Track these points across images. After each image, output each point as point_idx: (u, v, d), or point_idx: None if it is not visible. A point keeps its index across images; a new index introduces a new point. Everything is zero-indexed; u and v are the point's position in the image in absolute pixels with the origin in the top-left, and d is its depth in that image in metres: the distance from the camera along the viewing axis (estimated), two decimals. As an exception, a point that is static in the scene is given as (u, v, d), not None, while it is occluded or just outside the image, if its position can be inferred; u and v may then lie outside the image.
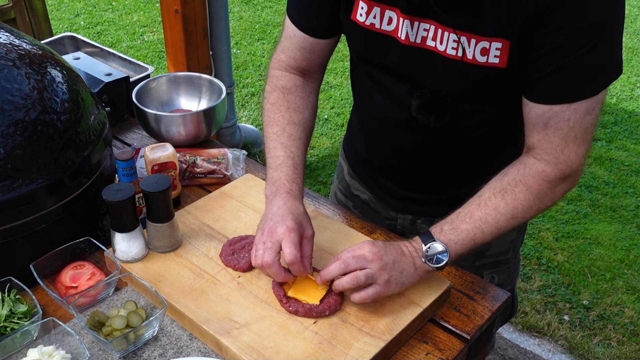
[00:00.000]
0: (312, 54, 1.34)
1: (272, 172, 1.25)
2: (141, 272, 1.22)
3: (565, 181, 1.14)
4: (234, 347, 1.07)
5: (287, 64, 1.36)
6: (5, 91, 1.16)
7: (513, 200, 1.14)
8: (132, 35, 5.23)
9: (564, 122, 1.09)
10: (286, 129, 1.29)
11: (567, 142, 1.11)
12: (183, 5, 2.90)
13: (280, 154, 1.26)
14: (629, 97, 4.53)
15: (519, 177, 1.14)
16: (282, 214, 1.16)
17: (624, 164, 3.77)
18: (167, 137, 1.64)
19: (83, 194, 1.28)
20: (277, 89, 1.35)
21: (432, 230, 1.15)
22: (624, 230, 3.22)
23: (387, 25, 1.18)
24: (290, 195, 1.20)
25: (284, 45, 1.35)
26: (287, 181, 1.22)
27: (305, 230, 1.17)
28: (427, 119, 1.21)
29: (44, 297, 1.19)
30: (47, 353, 1.05)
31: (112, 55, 2.11)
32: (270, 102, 1.34)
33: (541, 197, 1.15)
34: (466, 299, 1.24)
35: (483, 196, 1.16)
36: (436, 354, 1.12)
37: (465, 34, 1.09)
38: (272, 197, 1.21)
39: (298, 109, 1.33)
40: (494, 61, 1.09)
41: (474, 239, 1.14)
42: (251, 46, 5.11)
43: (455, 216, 1.16)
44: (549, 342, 2.61)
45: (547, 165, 1.13)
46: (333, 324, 1.12)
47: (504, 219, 1.14)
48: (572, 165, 1.12)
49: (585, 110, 1.08)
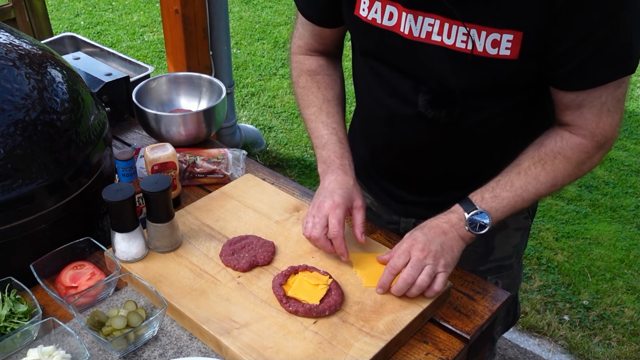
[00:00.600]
0: (324, 39, 1.40)
1: (320, 151, 1.32)
2: (141, 272, 1.22)
3: (602, 149, 1.18)
4: (234, 347, 1.07)
5: (306, 49, 1.43)
6: (5, 91, 1.16)
7: (553, 170, 1.18)
8: (132, 35, 5.23)
9: (597, 101, 1.12)
10: (323, 108, 1.36)
11: (600, 117, 1.14)
12: (183, 5, 2.90)
13: (324, 132, 1.33)
14: (629, 97, 4.53)
15: (557, 149, 1.18)
16: (332, 189, 1.24)
17: (624, 164, 3.77)
18: (167, 137, 1.64)
19: (83, 194, 1.28)
20: (304, 72, 1.42)
21: (472, 198, 1.19)
22: (624, 230, 3.22)
23: (388, 21, 1.18)
24: (341, 170, 1.28)
25: (299, 32, 1.43)
26: (336, 157, 1.30)
27: (355, 202, 1.24)
28: (438, 114, 1.21)
29: (44, 297, 1.19)
30: (47, 353, 1.05)
31: (112, 55, 2.11)
32: (301, 86, 1.42)
33: (580, 166, 1.19)
34: (466, 299, 1.24)
35: (522, 165, 1.19)
36: (436, 354, 1.12)
37: (475, 27, 1.09)
38: (324, 174, 1.29)
39: (328, 86, 1.39)
40: (505, 53, 1.09)
41: (514, 206, 1.19)
42: (251, 46, 5.11)
43: (495, 184, 1.19)
44: (549, 342, 2.61)
45: (583, 139, 1.16)
46: (333, 324, 1.12)
47: (544, 187, 1.19)
48: (607, 135, 1.16)
49: (616, 85, 1.11)
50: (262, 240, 1.30)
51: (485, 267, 1.47)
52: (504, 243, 1.48)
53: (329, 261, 1.26)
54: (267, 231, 1.34)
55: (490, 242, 1.46)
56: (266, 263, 1.25)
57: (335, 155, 1.30)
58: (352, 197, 1.25)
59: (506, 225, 1.45)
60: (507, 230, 1.46)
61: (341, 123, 1.37)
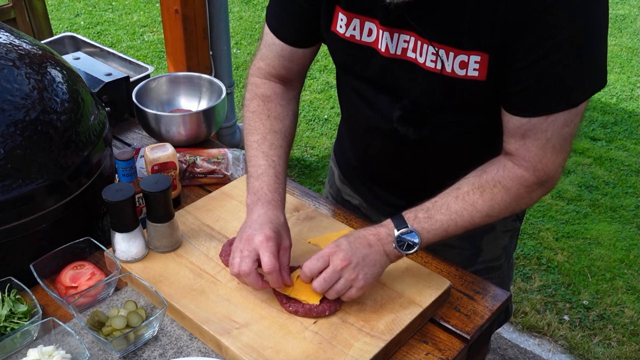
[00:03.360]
0: (291, 62, 1.32)
1: (254, 181, 1.23)
2: (141, 272, 1.22)
3: (542, 187, 1.15)
4: (234, 347, 1.07)
5: (266, 72, 1.34)
6: (5, 91, 1.16)
7: (491, 199, 1.14)
8: (132, 35, 5.23)
9: (542, 134, 1.09)
10: (267, 138, 1.27)
11: (545, 152, 1.10)
12: (183, 5, 2.90)
13: (262, 162, 1.25)
14: (629, 97, 4.53)
15: (497, 177, 1.15)
16: (261, 223, 1.14)
17: (624, 164, 3.76)
18: (167, 137, 1.64)
19: (83, 194, 1.28)
20: (257, 97, 1.33)
21: (405, 216, 1.15)
22: (624, 230, 3.22)
23: (367, 37, 1.17)
24: (271, 205, 1.19)
25: (262, 53, 1.34)
26: (269, 191, 1.21)
27: (283, 241, 1.15)
28: (406, 131, 1.20)
29: (44, 297, 1.19)
30: (47, 353, 1.05)
31: (112, 55, 2.11)
32: (251, 110, 1.32)
33: (518, 200, 1.15)
34: (466, 299, 1.24)
35: (461, 189, 1.16)
36: (436, 354, 1.12)
37: (444, 47, 1.08)
38: (253, 206, 1.19)
39: (279, 117, 1.31)
40: (474, 74, 1.08)
41: (447, 230, 1.15)
42: (251, 46, 5.11)
43: (431, 205, 1.16)
44: (549, 342, 2.61)
45: (525, 172, 1.13)
46: (333, 324, 1.12)
47: (480, 216, 1.15)
48: (549, 173, 1.13)
49: (563, 122, 1.07)
50: (262, 240, 1.30)
51: (474, 268, 1.46)
52: (492, 245, 1.48)
53: None
54: (267, 231, 1.34)
55: (478, 243, 1.46)
56: (266, 263, 1.25)
57: (268, 189, 1.21)
58: (281, 235, 1.16)
59: (493, 228, 1.45)
60: (494, 232, 1.46)
61: (282, 157, 1.27)
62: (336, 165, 1.61)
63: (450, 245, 1.46)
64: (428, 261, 1.32)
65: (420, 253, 1.34)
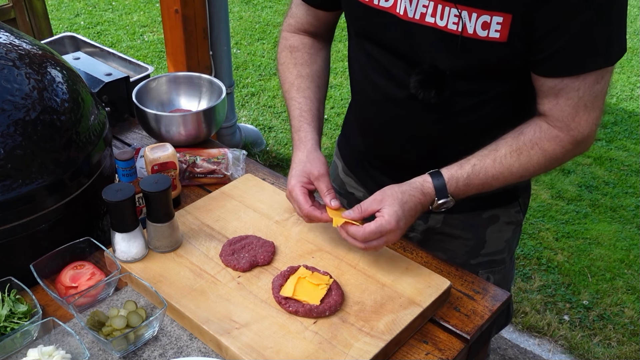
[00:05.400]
0: (317, 21, 1.42)
1: (292, 131, 1.36)
2: (141, 272, 1.22)
3: (578, 147, 1.19)
4: (234, 347, 1.07)
5: (295, 27, 1.45)
6: (5, 91, 1.16)
7: (527, 162, 1.18)
8: (132, 35, 5.23)
9: (574, 92, 1.12)
10: (294, 83, 1.39)
11: (577, 111, 1.14)
12: (183, 5, 2.90)
13: (292, 109, 1.37)
14: (629, 97, 4.53)
15: (535, 139, 1.18)
16: (290, 175, 1.28)
17: (624, 164, 3.77)
18: (167, 137, 1.64)
19: (83, 194, 1.28)
20: (286, 48, 1.44)
21: (447, 184, 1.20)
22: (624, 230, 3.22)
23: (384, 2, 1.20)
24: (297, 149, 1.32)
25: (292, 11, 1.45)
26: (295, 132, 1.33)
27: (311, 173, 1.26)
28: (427, 95, 1.22)
29: (44, 297, 1.19)
30: (47, 353, 1.05)
31: (112, 55, 2.11)
32: (280, 62, 1.44)
33: (552, 160, 1.20)
34: (466, 299, 1.24)
35: (499, 152, 1.19)
36: (436, 354, 1.12)
37: (467, 8, 1.10)
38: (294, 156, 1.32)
39: (305, 63, 1.41)
40: (495, 36, 1.11)
41: (480, 191, 1.22)
42: (251, 46, 5.11)
43: (470, 169, 1.20)
44: (549, 342, 2.61)
45: (560, 132, 1.17)
46: (333, 324, 1.12)
47: (513, 178, 1.20)
48: (583, 132, 1.16)
49: (594, 79, 1.11)
50: (262, 240, 1.30)
51: (477, 260, 1.47)
52: (496, 237, 1.48)
53: (329, 261, 1.26)
54: (267, 231, 1.34)
55: (482, 234, 1.47)
56: (266, 263, 1.25)
57: (296, 133, 1.33)
58: (308, 170, 1.26)
59: (497, 218, 1.46)
60: (498, 223, 1.46)
61: (310, 97, 1.37)
62: (340, 158, 1.62)
63: (454, 236, 1.46)
64: (428, 261, 1.32)
65: (420, 253, 1.34)
